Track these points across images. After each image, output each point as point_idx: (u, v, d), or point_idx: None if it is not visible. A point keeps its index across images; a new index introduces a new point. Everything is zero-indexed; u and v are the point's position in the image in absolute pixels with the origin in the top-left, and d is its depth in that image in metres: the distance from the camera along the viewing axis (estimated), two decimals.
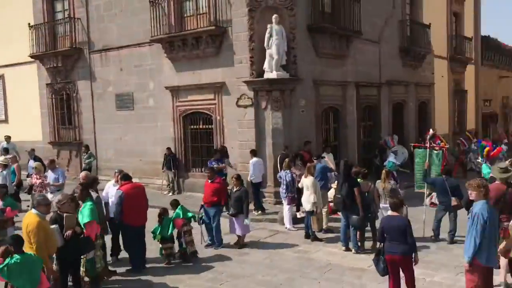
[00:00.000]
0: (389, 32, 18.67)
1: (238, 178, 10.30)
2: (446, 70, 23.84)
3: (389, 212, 9.60)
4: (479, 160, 17.12)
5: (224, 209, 10.31)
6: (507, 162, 10.77)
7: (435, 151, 11.22)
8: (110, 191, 9.44)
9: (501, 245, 6.32)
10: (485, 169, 13.84)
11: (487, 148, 16.10)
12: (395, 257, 6.64)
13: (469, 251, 5.85)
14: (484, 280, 5.92)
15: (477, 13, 28.04)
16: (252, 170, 12.99)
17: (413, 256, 6.64)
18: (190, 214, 9.63)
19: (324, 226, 11.22)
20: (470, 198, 6.16)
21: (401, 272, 6.79)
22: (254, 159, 13.08)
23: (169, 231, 9.27)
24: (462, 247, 6.27)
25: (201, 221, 10.21)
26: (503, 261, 7.12)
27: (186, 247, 9.43)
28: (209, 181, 10.27)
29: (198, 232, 10.17)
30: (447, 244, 9.86)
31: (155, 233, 9.28)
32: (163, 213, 9.46)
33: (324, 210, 11.26)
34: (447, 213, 10.08)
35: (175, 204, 9.72)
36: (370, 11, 17.19)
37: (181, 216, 9.38)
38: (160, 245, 9.34)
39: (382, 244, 6.86)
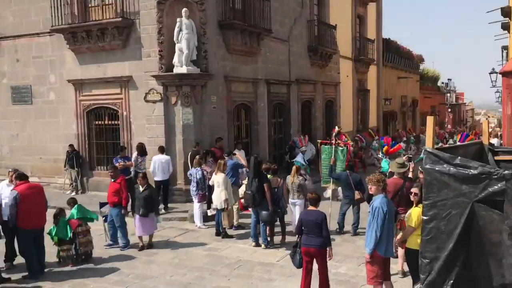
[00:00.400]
0: (298, 32, 19.20)
1: (144, 177, 9.97)
2: (351, 70, 25.06)
3: (297, 208, 9.97)
4: (380, 156, 18.22)
5: (129, 209, 9.99)
6: (404, 157, 11.57)
7: (340, 148, 11.72)
8: (4, 192, 8.81)
9: (398, 236, 6.75)
10: (385, 164, 14.73)
11: (385, 147, 17.17)
12: (311, 249, 6.90)
13: (370, 244, 6.16)
14: (382, 269, 6.29)
15: (379, 16, 29.78)
16: (152, 166, 12.69)
17: (327, 250, 6.93)
18: (89, 214, 9.23)
19: (235, 223, 11.28)
20: (370, 192, 6.52)
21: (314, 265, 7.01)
22: (158, 156, 12.76)
23: (68, 233, 8.87)
24: (364, 238, 6.60)
25: (103, 218, 9.91)
26: (400, 251, 7.61)
27: (78, 249, 9.04)
28: (112, 180, 9.91)
29: (97, 232, 9.87)
30: (351, 236, 10.35)
31: (51, 235, 8.77)
32: (59, 214, 9.00)
33: (235, 206, 11.32)
34: (351, 206, 10.58)
35: (72, 203, 9.28)
36: (279, 10, 17.57)
37: (76, 216, 8.98)
38: (58, 247, 8.89)
39: (299, 236, 7.07)
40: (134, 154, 13.05)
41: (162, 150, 12.91)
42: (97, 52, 14.56)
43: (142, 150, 12.96)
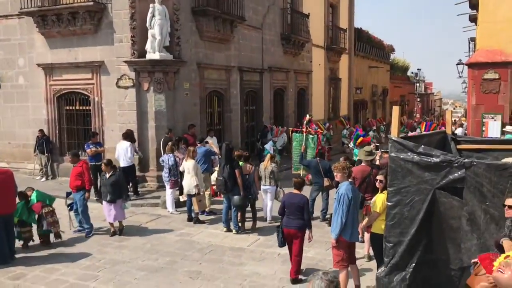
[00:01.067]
0: (271, 19, 19.21)
1: (108, 163, 9.82)
2: (323, 58, 25.22)
3: (268, 195, 10.09)
4: (351, 146, 18.52)
5: (94, 196, 9.95)
6: (371, 146, 11.83)
7: (311, 136, 11.91)
8: None
9: (364, 222, 6.96)
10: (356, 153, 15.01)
11: (361, 138, 17.45)
12: (291, 231, 7.19)
13: (336, 229, 6.35)
14: (348, 253, 6.49)
15: (351, 6, 29.97)
16: (116, 153, 12.59)
17: (307, 232, 7.23)
18: (48, 198, 9.28)
19: (207, 209, 11.34)
20: (336, 179, 6.69)
21: None
22: (120, 142, 12.59)
23: (31, 217, 8.97)
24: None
25: (68, 207, 9.86)
26: (366, 236, 7.84)
27: (48, 230, 9.12)
28: (73, 165, 9.89)
29: (67, 218, 9.92)
30: (319, 222, 10.55)
31: (17, 212, 8.73)
32: (27, 194, 9.11)
33: (207, 192, 11.39)
34: (320, 192, 10.78)
35: (30, 190, 9.34)
36: None
37: (36, 200, 9.02)
38: (19, 229, 8.89)
39: (282, 218, 7.36)
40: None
41: (125, 136, 12.74)
42: (68, 36, 14.27)
43: (130, 138, 12.84)
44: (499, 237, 4.86)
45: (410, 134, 17.29)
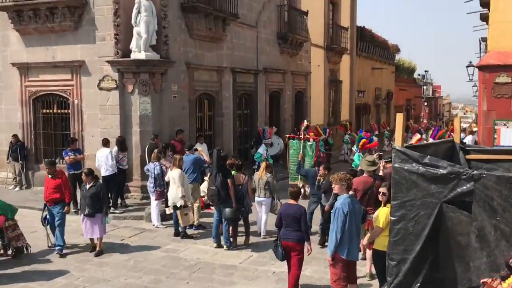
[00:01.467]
0: (267, 17, 19.30)
1: (89, 173, 9.63)
2: (323, 59, 25.31)
3: (263, 208, 10.08)
4: (354, 149, 18.57)
5: (73, 208, 9.87)
6: (374, 155, 11.86)
7: (309, 143, 11.95)
8: None
9: (366, 238, 6.98)
10: (357, 159, 15.04)
11: (363, 140, 17.52)
12: (289, 243, 7.27)
13: (330, 246, 6.39)
14: (346, 272, 6.50)
15: (353, 3, 30.12)
16: (96, 161, 12.54)
17: (306, 245, 7.29)
18: (9, 211, 9.27)
19: (196, 222, 11.30)
20: (334, 191, 6.72)
21: None
22: (100, 149, 12.58)
23: None
24: None
25: (45, 222, 9.74)
26: (368, 253, 7.86)
27: (8, 243, 9.14)
28: (49, 176, 9.66)
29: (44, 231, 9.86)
30: (318, 237, 10.54)
31: None
32: None
33: (196, 204, 11.36)
34: (319, 205, 10.77)
35: None
36: None
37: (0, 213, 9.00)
38: None
39: (279, 230, 7.46)
40: (114, 149, 12.79)
41: (104, 143, 12.70)
42: (46, 33, 14.29)
43: (122, 145, 12.82)
44: (509, 255, 4.91)
45: (412, 138, 17.39)
